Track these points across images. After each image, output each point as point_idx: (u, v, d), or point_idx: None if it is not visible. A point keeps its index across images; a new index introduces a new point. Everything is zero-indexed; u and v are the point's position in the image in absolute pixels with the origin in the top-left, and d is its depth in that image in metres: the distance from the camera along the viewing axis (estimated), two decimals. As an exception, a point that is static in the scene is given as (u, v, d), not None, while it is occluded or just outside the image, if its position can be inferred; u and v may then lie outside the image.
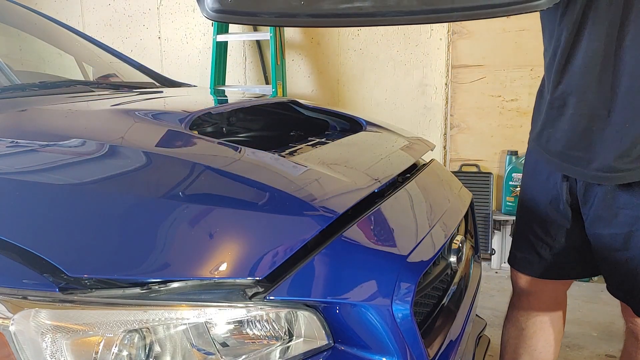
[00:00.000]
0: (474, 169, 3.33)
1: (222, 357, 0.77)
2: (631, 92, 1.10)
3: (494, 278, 3.09)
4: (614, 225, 1.19)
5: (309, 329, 0.83)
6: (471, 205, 1.47)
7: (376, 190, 1.07)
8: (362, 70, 3.50)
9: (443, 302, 1.17)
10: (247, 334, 0.79)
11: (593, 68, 1.13)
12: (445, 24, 3.26)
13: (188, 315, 0.75)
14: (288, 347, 0.81)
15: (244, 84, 3.76)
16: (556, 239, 1.33)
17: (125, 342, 0.72)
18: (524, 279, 1.43)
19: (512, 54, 3.15)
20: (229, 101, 1.87)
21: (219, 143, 1.14)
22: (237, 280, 0.78)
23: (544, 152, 1.28)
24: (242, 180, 0.99)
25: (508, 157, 3.17)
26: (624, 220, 1.17)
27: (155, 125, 1.24)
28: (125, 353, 0.72)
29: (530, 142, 1.34)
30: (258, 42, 3.65)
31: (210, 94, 2.42)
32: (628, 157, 1.12)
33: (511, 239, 1.48)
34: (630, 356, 1.26)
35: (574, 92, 1.18)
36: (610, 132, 1.14)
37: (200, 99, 1.87)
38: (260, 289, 0.78)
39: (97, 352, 0.71)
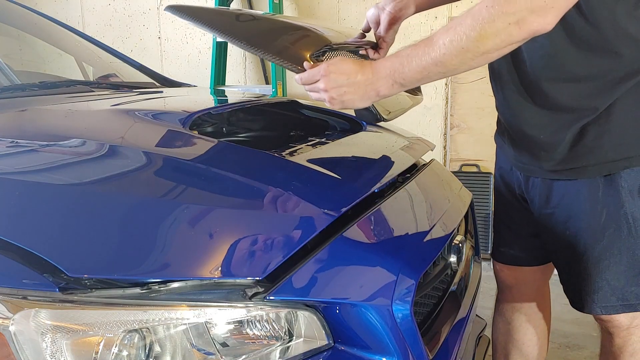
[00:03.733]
0: (474, 169, 3.33)
1: (222, 357, 0.77)
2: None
3: (494, 278, 3.08)
4: (553, 223, 1.20)
5: (309, 329, 0.83)
6: (471, 205, 1.47)
7: (376, 190, 1.07)
8: (362, 70, 3.49)
9: (443, 302, 1.17)
10: (247, 334, 0.79)
11: (498, 69, 1.19)
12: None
13: (188, 315, 0.75)
14: (288, 347, 0.81)
15: (244, 84, 3.75)
16: (520, 226, 1.35)
17: (125, 342, 0.72)
18: (503, 270, 1.46)
19: (512, 54, 3.15)
20: (229, 101, 1.87)
21: (219, 143, 1.14)
22: (237, 280, 0.78)
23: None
24: (241, 180, 0.99)
25: (508, 157, 3.16)
26: (558, 219, 1.18)
27: (155, 125, 1.24)
28: (125, 353, 0.72)
29: None
30: (258, 42, 3.64)
31: (210, 94, 2.42)
32: (552, 161, 1.13)
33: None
34: (605, 349, 1.28)
35: (494, 89, 1.25)
36: (521, 135, 1.19)
37: (200, 99, 1.87)
38: (260, 289, 0.78)
39: (97, 352, 0.71)
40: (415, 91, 1.54)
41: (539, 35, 0.92)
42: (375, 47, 1.29)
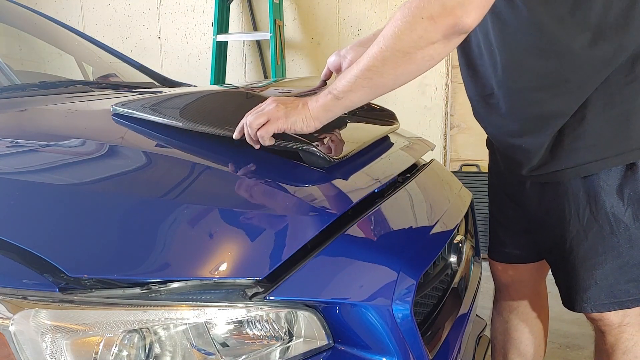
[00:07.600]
0: (474, 169, 3.33)
1: (222, 357, 0.77)
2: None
3: (494, 278, 3.08)
4: (544, 224, 1.21)
5: (309, 329, 0.83)
6: (471, 205, 1.47)
7: (376, 190, 1.07)
8: (362, 70, 3.49)
9: (443, 302, 1.17)
10: (247, 334, 0.79)
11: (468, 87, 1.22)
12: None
13: (188, 315, 0.75)
14: (288, 347, 0.81)
15: (244, 84, 3.75)
16: (514, 223, 1.36)
17: (125, 342, 0.72)
18: (499, 268, 1.46)
19: (512, 54, 3.14)
20: (229, 101, 1.86)
21: (219, 143, 1.14)
22: (237, 280, 0.78)
23: None
24: (242, 180, 0.99)
25: (508, 157, 3.16)
26: (549, 221, 1.19)
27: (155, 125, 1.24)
28: (125, 353, 0.72)
29: None
30: (258, 42, 3.64)
31: (210, 94, 2.41)
32: (535, 166, 1.14)
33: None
34: (599, 348, 1.30)
35: (471, 105, 1.27)
36: (504, 145, 1.21)
37: (200, 99, 1.87)
38: (260, 289, 0.78)
39: (97, 352, 0.71)
40: (392, 120, 1.56)
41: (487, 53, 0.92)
42: None
